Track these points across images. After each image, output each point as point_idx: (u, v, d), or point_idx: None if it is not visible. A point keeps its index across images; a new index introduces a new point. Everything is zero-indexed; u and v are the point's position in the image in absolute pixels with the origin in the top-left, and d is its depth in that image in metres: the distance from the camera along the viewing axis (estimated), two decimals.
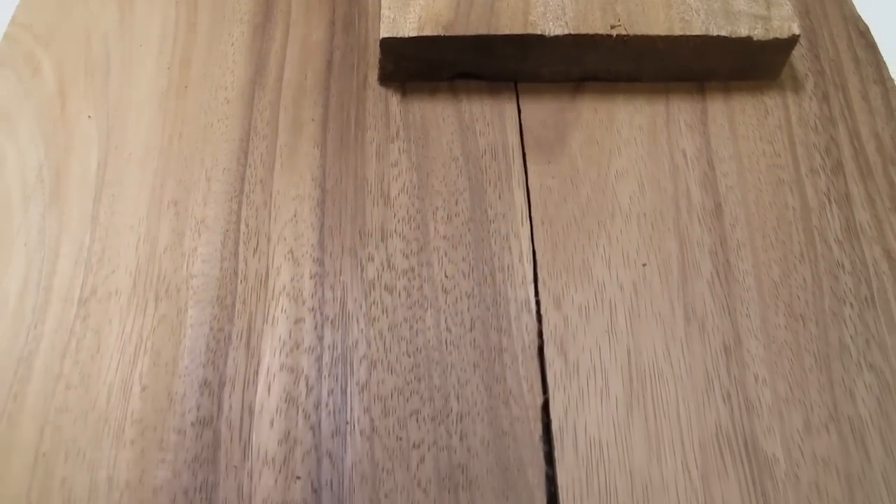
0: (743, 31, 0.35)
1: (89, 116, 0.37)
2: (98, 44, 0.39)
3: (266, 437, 0.29)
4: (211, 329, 0.31)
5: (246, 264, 0.32)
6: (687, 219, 0.33)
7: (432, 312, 0.31)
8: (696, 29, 0.35)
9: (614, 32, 0.34)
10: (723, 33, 0.35)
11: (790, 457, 0.28)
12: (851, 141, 0.36)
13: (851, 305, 0.32)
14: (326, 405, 0.29)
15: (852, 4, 0.41)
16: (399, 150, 0.35)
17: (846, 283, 0.32)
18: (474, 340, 0.30)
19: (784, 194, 0.34)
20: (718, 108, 0.36)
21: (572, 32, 0.34)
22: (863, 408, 0.30)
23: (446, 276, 0.32)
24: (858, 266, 0.33)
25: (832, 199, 0.34)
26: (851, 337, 0.31)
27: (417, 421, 0.29)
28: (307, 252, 0.32)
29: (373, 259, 0.32)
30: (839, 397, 0.30)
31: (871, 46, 0.39)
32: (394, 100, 0.36)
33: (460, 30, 0.34)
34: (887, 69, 0.38)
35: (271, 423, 0.29)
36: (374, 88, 0.37)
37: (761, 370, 0.30)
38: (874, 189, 0.35)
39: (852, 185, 0.35)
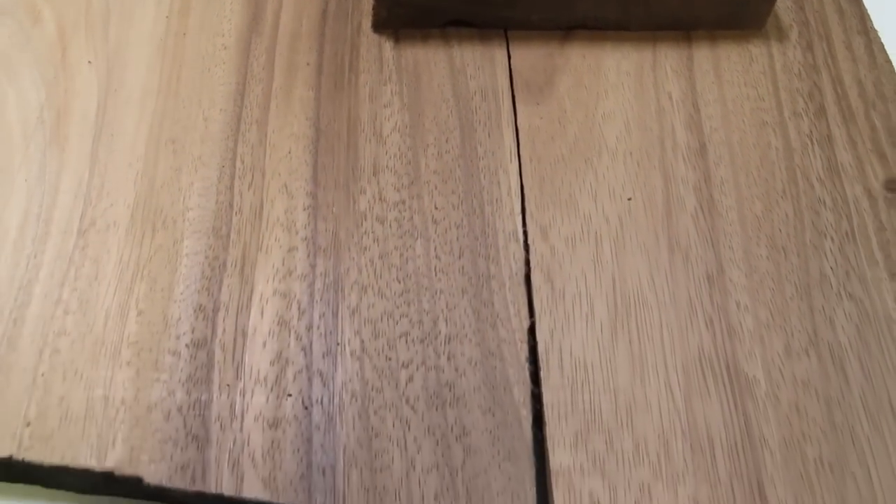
0: None
1: (89, 62, 0.37)
2: None
3: (259, 357, 0.29)
4: (206, 258, 0.32)
5: (241, 197, 0.33)
6: (672, 157, 0.34)
7: (422, 241, 0.32)
8: None
9: None
10: None
11: (771, 379, 0.29)
12: (834, 87, 0.37)
13: (832, 239, 0.32)
14: (318, 328, 0.30)
15: None
16: (392, 91, 0.36)
17: (827, 219, 0.33)
18: (463, 267, 0.31)
19: (767, 135, 0.35)
20: (704, 55, 0.37)
21: None
22: (842, 334, 0.30)
23: (436, 208, 0.32)
24: (839, 203, 0.33)
25: (814, 140, 0.35)
26: (832, 268, 0.32)
27: (406, 342, 0.29)
28: (301, 186, 0.33)
29: (365, 192, 0.33)
30: (819, 324, 0.30)
31: None
32: (387, 45, 0.37)
33: None
34: (870, 20, 0.39)
35: (264, 345, 0.30)
36: (368, 35, 0.37)
37: (743, 298, 0.31)
38: (856, 132, 0.35)
39: (834, 128, 0.35)
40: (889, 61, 0.38)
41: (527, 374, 0.29)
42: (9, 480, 0.29)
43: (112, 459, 0.28)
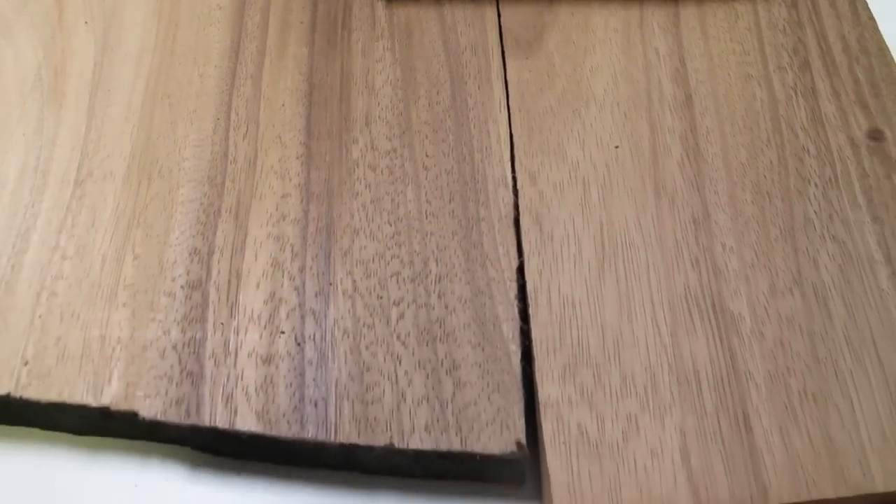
0: None
1: (86, 22, 0.38)
2: None
3: (252, 297, 0.30)
4: (201, 205, 0.32)
5: (236, 147, 0.34)
6: (658, 108, 0.35)
7: (413, 187, 0.32)
8: None
9: None
10: None
11: (755, 315, 0.30)
12: (818, 42, 0.37)
13: (816, 185, 0.33)
14: (311, 269, 0.30)
15: None
16: (384, 48, 0.36)
17: (811, 166, 0.33)
18: (453, 211, 0.32)
19: (752, 87, 0.36)
20: (690, 13, 0.38)
21: None
22: (826, 274, 0.31)
23: (427, 156, 0.33)
24: (823, 151, 0.34)
25: (799, 92, 0.36)
26: (815, 212, 0.32)
27: (397, 281, 0.30)
28: (294, 136, 0.34)
29: (357, 142, 0.34)
30: (803, 264, 0.31)
31: None
32: (379, 5, 0.38)
33: None
34: None
35: (257, 286, 0.30)
36: None
37: (728, 240, 0.31)
38: (839, 84, 0.36)
39: (818, 81, 0.36)
40: (872, 18, 0.38)
41: (516, 311, 0.29)
42: (7, 422, 0.30)
43: (108, 395, 0.28)
